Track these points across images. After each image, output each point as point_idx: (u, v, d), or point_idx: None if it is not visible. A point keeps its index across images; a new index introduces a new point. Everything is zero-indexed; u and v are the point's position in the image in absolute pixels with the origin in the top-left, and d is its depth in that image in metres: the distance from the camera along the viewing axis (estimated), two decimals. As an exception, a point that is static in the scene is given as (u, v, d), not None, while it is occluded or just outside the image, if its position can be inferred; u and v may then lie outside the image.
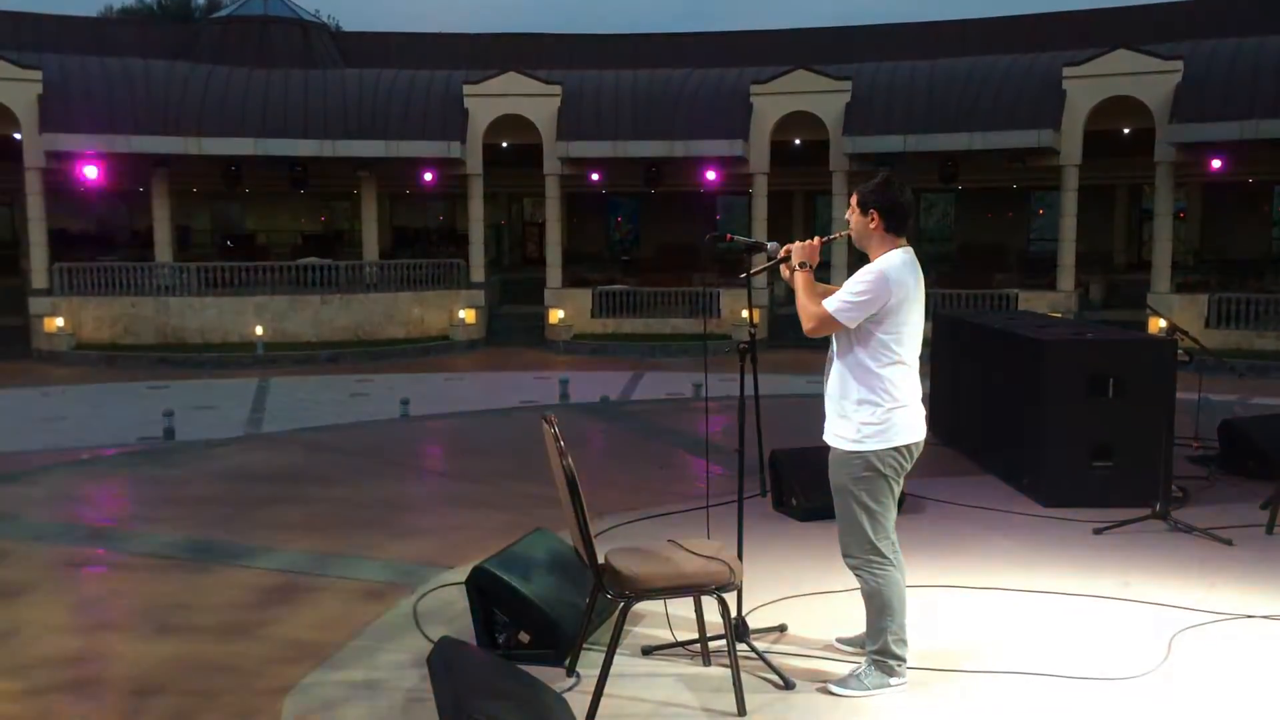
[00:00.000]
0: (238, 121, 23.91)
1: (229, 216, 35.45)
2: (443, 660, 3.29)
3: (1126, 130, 23.67)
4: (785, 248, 4.09)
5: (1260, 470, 6.76)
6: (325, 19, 34.05)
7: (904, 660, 3.94)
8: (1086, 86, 22.46)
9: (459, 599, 4.55)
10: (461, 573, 4.66)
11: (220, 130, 23.70)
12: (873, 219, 3.90)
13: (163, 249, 25.31)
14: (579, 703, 3.67)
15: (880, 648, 3.92)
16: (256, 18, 28.45)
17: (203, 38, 28.57)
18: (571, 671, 4.05)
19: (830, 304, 3.84)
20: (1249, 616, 4.63)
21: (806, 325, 3.92)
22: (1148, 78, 21.96)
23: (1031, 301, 22.27)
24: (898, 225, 3.90)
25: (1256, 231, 29.25)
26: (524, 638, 4.21)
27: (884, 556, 3.90)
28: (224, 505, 6.94)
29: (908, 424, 3.88)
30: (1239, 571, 5.26)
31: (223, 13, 30.38)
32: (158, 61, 25.06)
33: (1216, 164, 22.29)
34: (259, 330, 22.85)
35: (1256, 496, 6.39)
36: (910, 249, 3.93)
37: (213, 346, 22.86)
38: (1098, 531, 5.92)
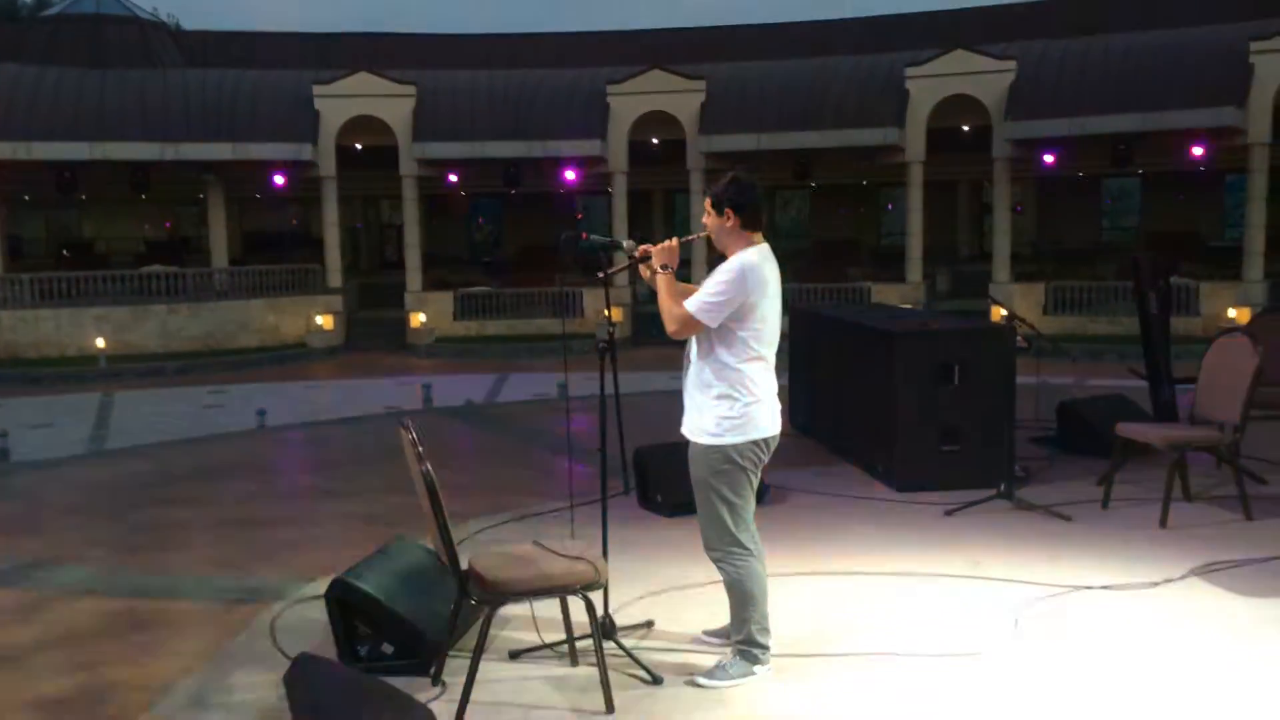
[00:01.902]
0: (70, 125, 22.74)
1: (65, 224, 33.71)
2: (300, 678, 3.19)
3: (966, 128, 24.68)
4: (642, 248, 4.12)
5: (1095, 448, 7.13)
6: (164, 17, 32.66)
7: (768, 648, 4.01)
8: (927, 86, 23.33)
9: (320, 614, 4.44)
10: (321, 586, 4.54)
11: (52, 134, 22.52)
12: (728, 217, 3.95)
13: (-8, 260, 23.90)
14: (445, 711, 3.62)
15: (744, 637, 3.99)
16: (89, 16, 27.10)
17: (31, 38, 27.05)
18: (437, 680, 3.99)
19: (691, 305, 3.88)
20: (1088, 588, 4.88)
21: (670, 327, 3.96)
22: (984, 77, 22.97)
23: (884, 293, 23.02)
24: (753, 221, 3.97)
25: (1088, 222, 30.94)
26: (387, 649, 4.13)
27: (744, 548, 3.96)
28: (64, 529, 6.58)
29: (764, 418, 3.95)
30: (1078, 545, 5.54)
31: (52, 11, 28.83)
32: (-19, 64, 23.64)
33: (1049, 159, 23.47)
34: (100, 343, 21.75)
35: (1092, 474, 6.74)
36: (766, 245, 3.99)
37: (50, 361, 21.65)
38: (948, 513, 6.16)
